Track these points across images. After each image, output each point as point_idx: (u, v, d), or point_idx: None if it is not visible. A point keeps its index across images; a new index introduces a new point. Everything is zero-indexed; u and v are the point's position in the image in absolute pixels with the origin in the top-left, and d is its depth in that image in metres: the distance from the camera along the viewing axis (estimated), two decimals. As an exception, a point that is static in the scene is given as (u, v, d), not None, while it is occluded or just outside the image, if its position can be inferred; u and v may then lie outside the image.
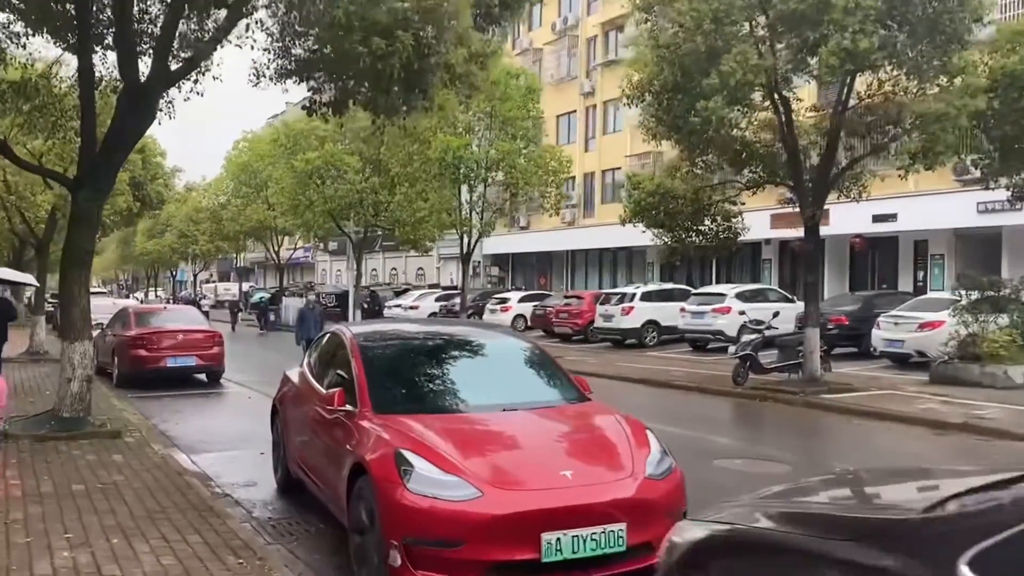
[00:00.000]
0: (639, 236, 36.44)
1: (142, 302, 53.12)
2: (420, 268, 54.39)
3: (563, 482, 4.83)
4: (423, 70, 8.09)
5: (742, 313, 17.20)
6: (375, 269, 56.19)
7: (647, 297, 25.25)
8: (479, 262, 50.22)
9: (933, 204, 23.67)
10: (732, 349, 16.02)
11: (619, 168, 37.62)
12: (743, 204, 17.30)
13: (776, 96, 14.22)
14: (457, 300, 37.34)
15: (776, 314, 17.82)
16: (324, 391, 6.39)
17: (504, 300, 33.94)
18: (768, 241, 30.59)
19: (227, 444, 10.20)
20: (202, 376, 16.73)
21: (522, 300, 33.90)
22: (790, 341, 15.64)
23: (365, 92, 9.12)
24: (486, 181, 24.90)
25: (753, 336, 15.52)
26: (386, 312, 40.98)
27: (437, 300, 38.40)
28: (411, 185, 27.38)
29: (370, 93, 8.96)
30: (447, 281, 50.47)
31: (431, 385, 6.07)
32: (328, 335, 7.60)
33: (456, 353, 6.55)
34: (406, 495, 4.71)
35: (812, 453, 10.44)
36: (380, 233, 35.77)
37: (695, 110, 13.28)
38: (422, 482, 4.75)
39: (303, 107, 11.22)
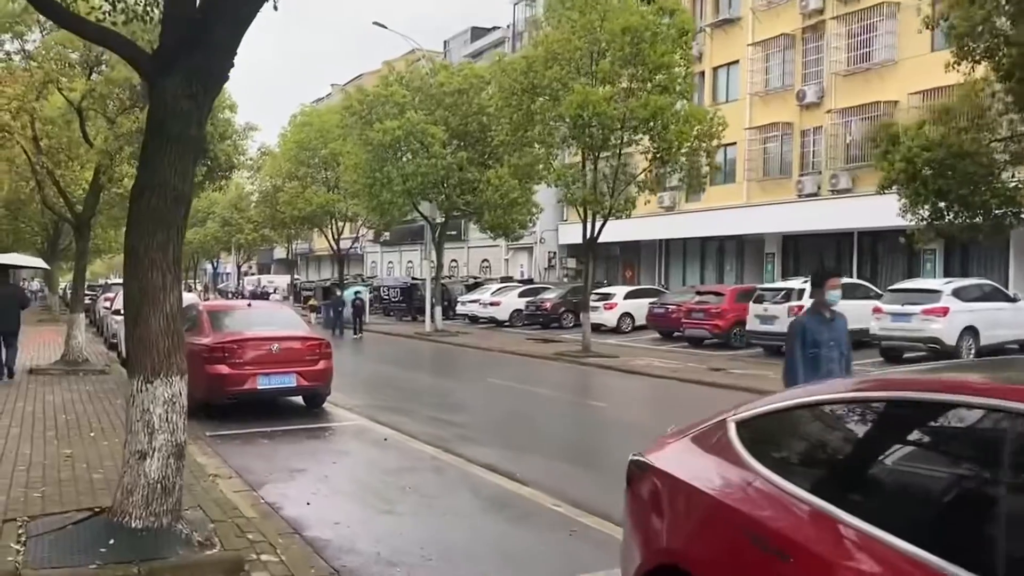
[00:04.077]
0: (755, 223, 31.98)
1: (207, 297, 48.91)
2: (485, 259, 49.62)
3: None
4: None
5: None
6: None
7: (818, 294, 20.25)
8: (554, 252, 45.30)
9: None
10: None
11: (734, 144, 32.49)
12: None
13: None
14: (547, 295, 32.58)
15: None
16: None
17: (607, 296, 29.35)
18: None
19: (447, 570, 5.42)
20: (295, 397, 12.05)
21: (628, 296, 29.42)
22: None
23: None
24: (622, 146, 19.81)
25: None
26: (460, 308, 36.29)
27: (521, 296, 33.85)
28: (520, 156, 22.49)
29: None
30: (516, 273, 45.87)
31: None
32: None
33: None
34: None
35: None
36: (454, 217, 31.02)
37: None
38: None
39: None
